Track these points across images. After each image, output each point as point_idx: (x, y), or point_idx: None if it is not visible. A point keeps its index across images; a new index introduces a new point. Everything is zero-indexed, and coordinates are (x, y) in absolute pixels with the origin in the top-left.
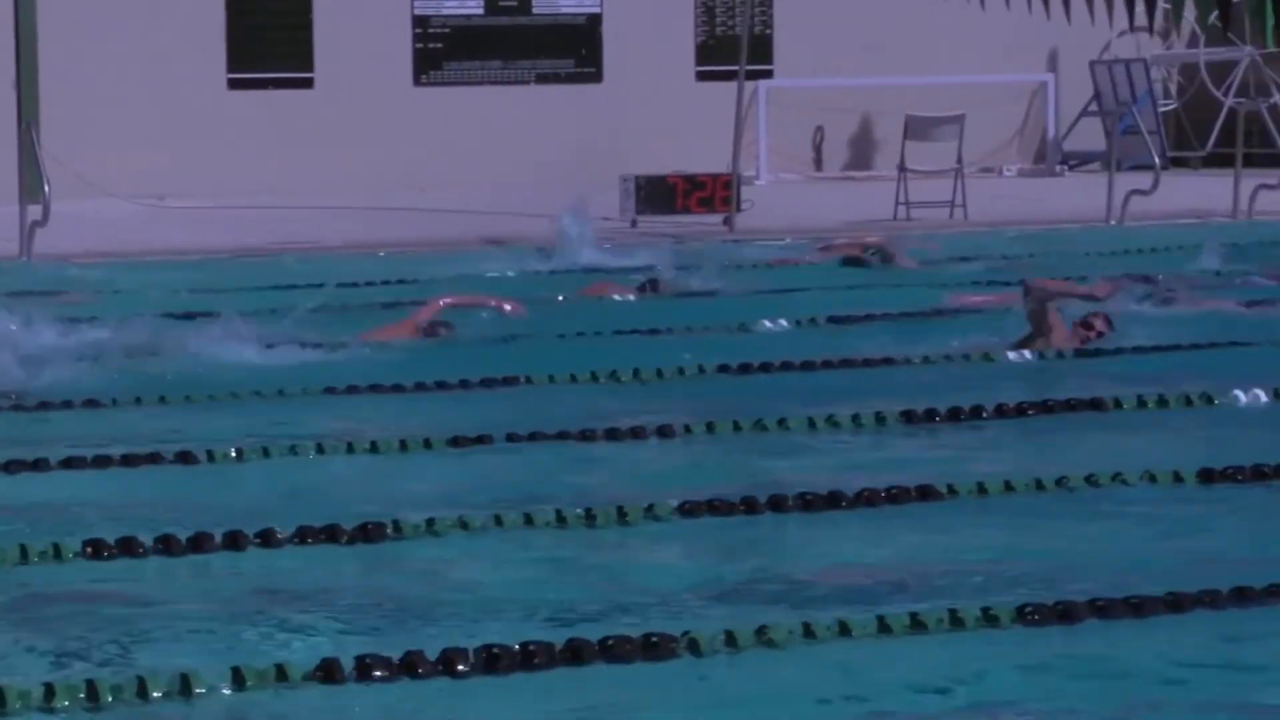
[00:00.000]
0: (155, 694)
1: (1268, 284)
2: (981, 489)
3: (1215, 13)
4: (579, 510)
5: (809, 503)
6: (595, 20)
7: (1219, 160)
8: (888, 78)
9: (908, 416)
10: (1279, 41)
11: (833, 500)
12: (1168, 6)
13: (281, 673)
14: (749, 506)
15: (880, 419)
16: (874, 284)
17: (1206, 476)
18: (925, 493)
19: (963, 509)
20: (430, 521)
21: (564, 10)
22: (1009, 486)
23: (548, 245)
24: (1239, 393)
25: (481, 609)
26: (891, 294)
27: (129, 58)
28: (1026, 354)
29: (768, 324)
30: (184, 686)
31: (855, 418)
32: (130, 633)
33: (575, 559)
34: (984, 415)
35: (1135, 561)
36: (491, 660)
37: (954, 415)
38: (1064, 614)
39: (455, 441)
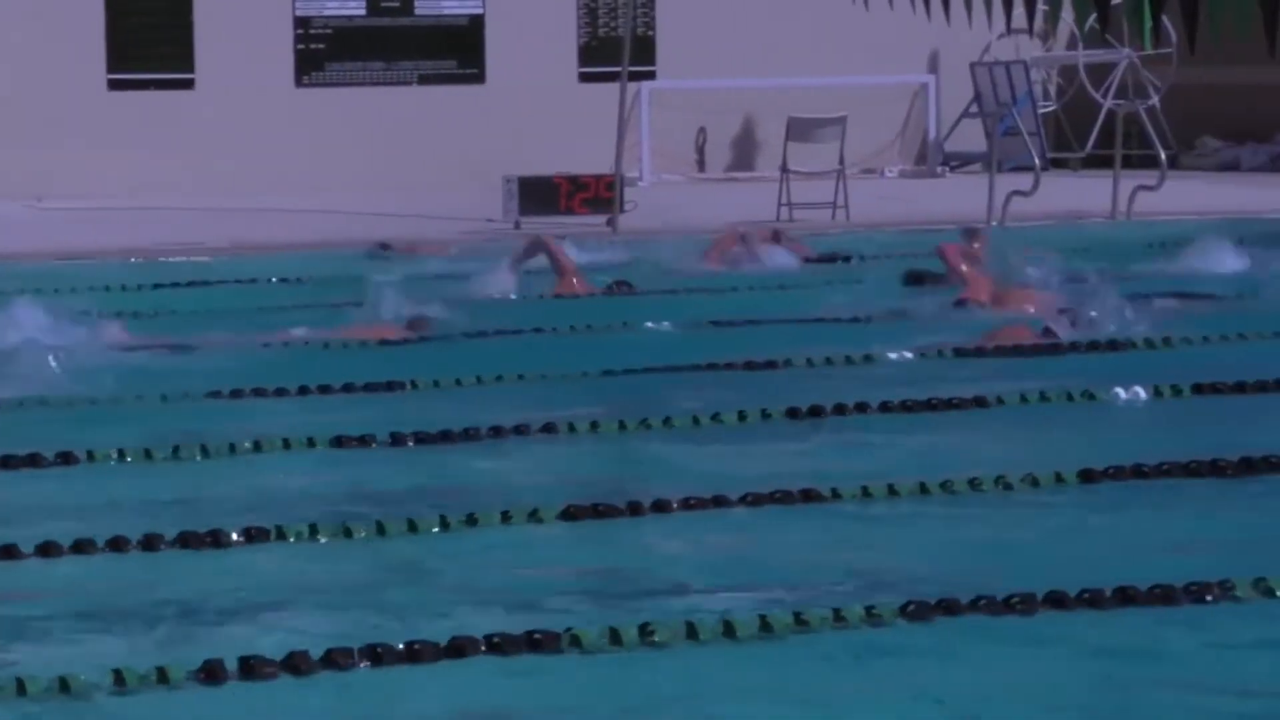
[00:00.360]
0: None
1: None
2: (866, 491)
3: (1094, 14)
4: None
5: (691, 505)
6: (478, 21)
7: (1098, 161)
8: (770, 79)
9: (792, 414)
10: (1157, 44)
11: (717, 501)
12: (1046, 9)
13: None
14: (633, 509)
15: (766, 416)
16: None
17: (1088, 476)
18: (809, 495)
19: (846, 510)
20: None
21: (446, 11)
22: (893, 490)
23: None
24: (1119, 391)
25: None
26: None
27: (6, 58)
28: (908, 353)
29: (650, 324)
30: (63, 687)
31: (741, 415)
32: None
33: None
34: (868, 413)
35: (1018, 561)
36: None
37: (839, 412)
38: (948, 610)
39: (338, 442)
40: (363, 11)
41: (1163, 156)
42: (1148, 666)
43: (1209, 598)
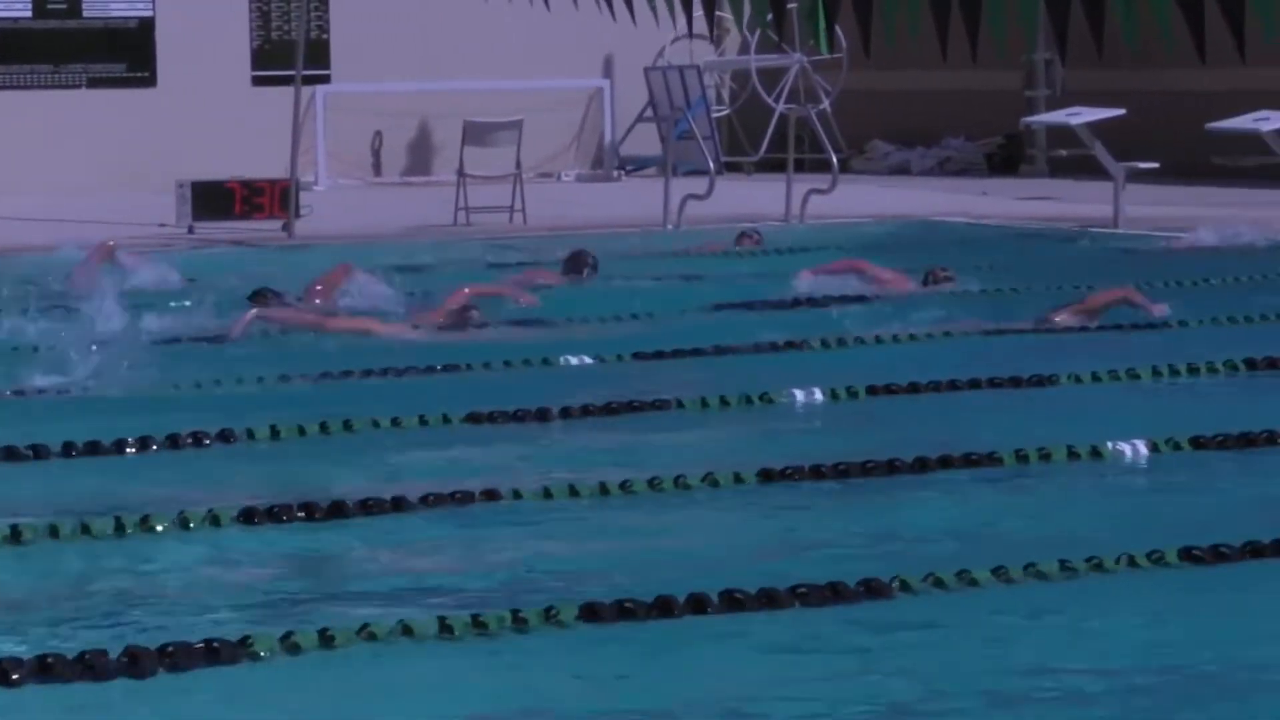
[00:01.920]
0: None
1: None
2: (547, 493)
3: (770, 15)
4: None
5: (370, 508)
6: (148, 24)
7: (771, 165)
8: (445, 82)
9: (473, 419)
10: (832, 47)
11: (397, 504)
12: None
13: None
14: (308, 513)
15: (447, 420)
16: None
17: (766, 476)
18: (490, 494)
19: (520, 513)
20: None
21: (115, 13)
22: (574, 491)
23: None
24: (796, 392)
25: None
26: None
27: None
28: (587, 358)
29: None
30: None
31: (422, 419)
32: None
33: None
34: (549, 417)
35: (698, 561)
36: (88, 666)
37: (518, 418)
38: (623, 612)
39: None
40: (29, 13)
41: (834, 160)
42: (822, 662)
43: (888, 594)
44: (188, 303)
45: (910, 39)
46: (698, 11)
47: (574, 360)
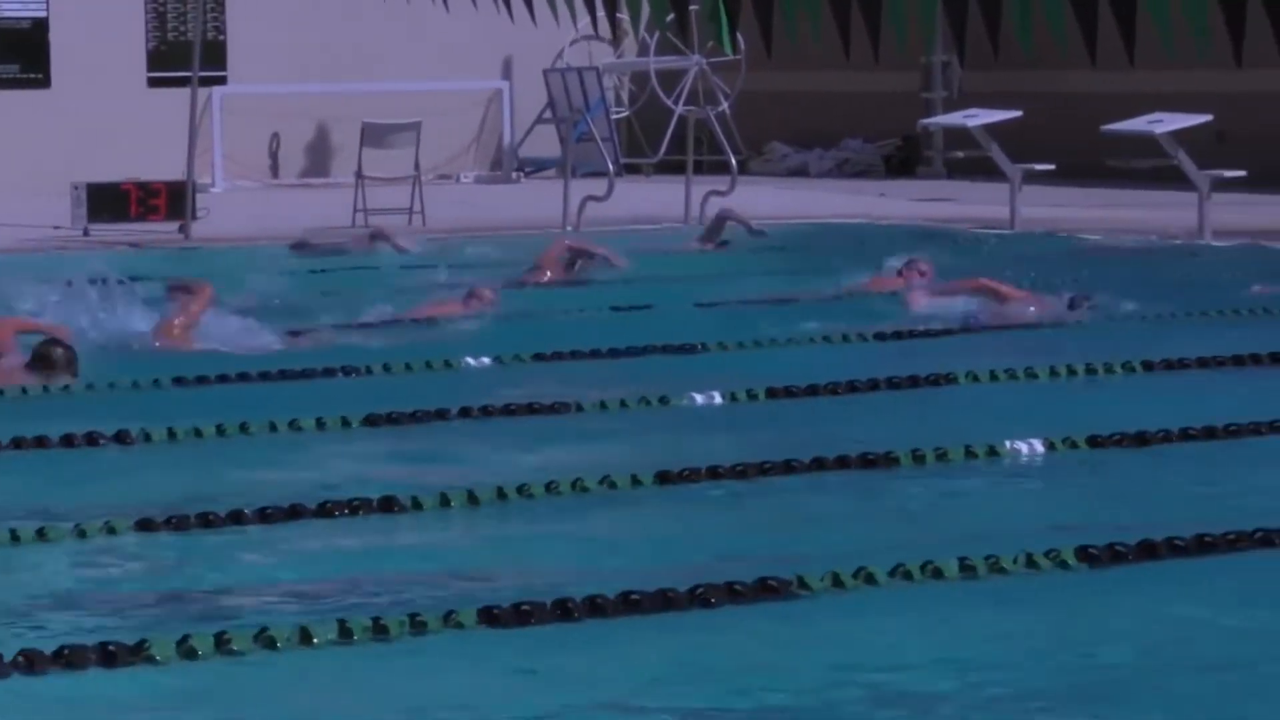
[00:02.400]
0: None
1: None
2: (444, 499)
3: (671, 16)
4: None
5: (268, 515)
6: (41, 25)
7: (671, 167)
8: (344, 84)
9: (371, 421)
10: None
11: (294, 512)
12: (623, 17)
13: None
14: (207, 521)
15: (346, 423)
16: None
17: (664, 478)
18: (388, 501)
19: (418, 518)
20: None
21: (7, 14)
22: (472, 497)
23: None
24: (695, 395)
25: None
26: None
27: None
28: (486, 359)
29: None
30: None
31: (319, 423)
32: None
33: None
34: (448, 418)
35: (596, 564)
36: None
37: (415, 419)
38: (521, 615)
39: None
40: None
41: (733, 162)
42: (719, 661)
43: (787, 594)
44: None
45: (812, 40)
46: (599, 13)
47: (473, 362)
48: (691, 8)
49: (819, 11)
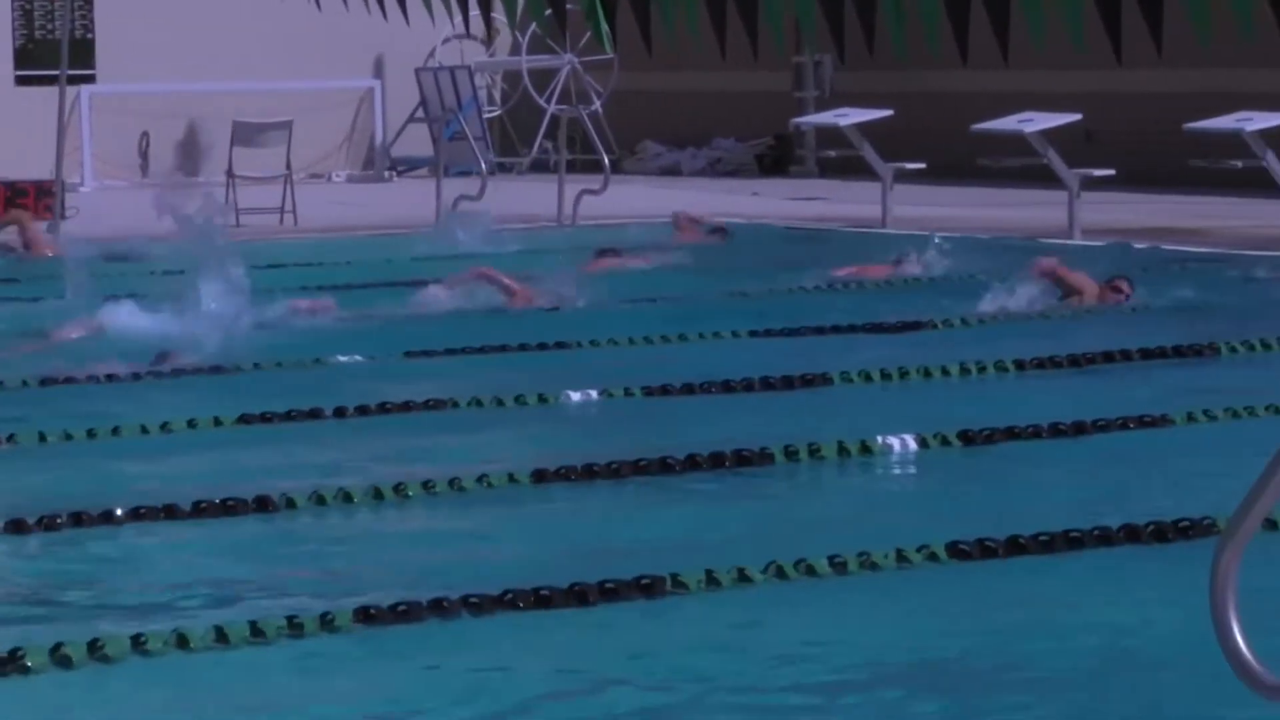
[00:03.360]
0: None
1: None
2: (319, 498)
3: (549, 12)
4: None
5: (141, 514)
6: None
7: (543, 166)
8: (214, 83)
9: (245, 420)
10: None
11: (169, 512)
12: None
13: None
14: (79, 520)
15: (218, 422)
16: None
17: (540, 476)
18: (262, 501)
19: (293, 518)
20: None
21: None
22: (347, 495)
23: None
24: (572, 393)
25: None
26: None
27: None
28: (358, 356)
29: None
30: None
31: (190, 423)
32: None
33: None
34: (322, 418)
35: (473, 562)
36: None
37: (290, 418)
38: (404, 614)
39: None
40: None
41: (606, 161)
42: (596, 660)
43: (662, 592)
44: None
45: (692, 39)
46: (473, 11)
47: (345, 359)
48: (568, 5)
49: (695, 10)
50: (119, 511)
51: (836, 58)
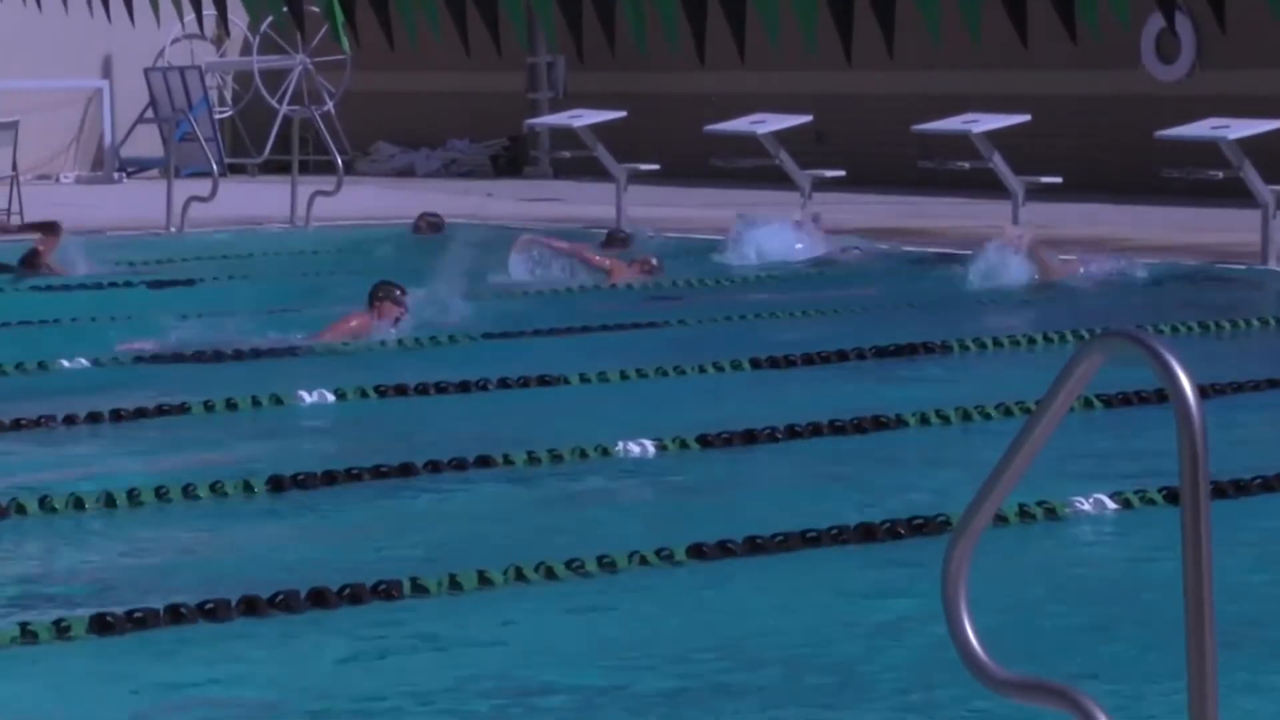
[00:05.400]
0: None
1: None
2: (49, 505)
3: (286, 9)
4: None
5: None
6: None
7: (276, 167)
8: None
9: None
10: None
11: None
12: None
13: None
14: None
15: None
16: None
17: (277, 485)
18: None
19: (22, 527)
20: None
21: None
22: (79, 503)
23: None
24: (304, 394)
25: None
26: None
27: None
28: (84, 362)
29: None
30: None
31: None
32: None
33: None
34: (52, 425)
35: (204, 571)
36: None
37: (18, 426)
38: (136, 622)
39: None
40: None
41: (339, 162)
42: (328, 667)
43: (399, 596)
44: None
45: (433, 39)
46: (208, 10)
47: (68, 364)
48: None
49: (435, 10)
50: None
51: (575, 56)
